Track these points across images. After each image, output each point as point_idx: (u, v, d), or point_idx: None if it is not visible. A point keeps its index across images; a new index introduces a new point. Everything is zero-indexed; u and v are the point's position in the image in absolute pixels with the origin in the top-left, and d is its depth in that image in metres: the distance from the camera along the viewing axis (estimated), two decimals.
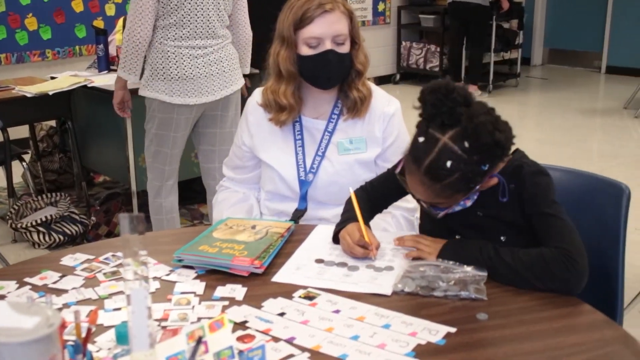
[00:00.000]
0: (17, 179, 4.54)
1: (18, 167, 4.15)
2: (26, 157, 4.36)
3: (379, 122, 2.05)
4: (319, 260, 1.65)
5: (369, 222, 1.77)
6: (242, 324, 1.36)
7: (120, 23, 4.36)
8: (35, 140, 4.57)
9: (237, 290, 1.50)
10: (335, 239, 1.73)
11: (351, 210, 1.73)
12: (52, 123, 4.71)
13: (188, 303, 1.46)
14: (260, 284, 1.54)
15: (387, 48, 8.88)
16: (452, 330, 1.32)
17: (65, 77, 4.19)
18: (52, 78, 4.33)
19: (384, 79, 8.82)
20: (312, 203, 2.05)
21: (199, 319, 1.39)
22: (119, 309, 1.43)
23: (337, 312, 1.40)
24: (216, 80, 3.19)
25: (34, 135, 4.57)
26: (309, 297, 1.47)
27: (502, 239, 1.56)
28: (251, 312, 1.40)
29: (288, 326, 1.35)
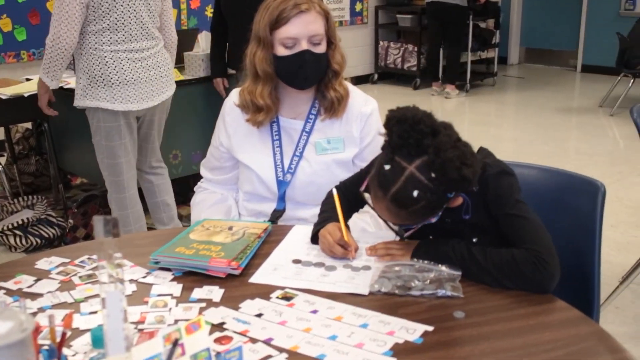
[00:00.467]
0: None
1: None
2: (2, 159, 4.32)
3: (357, 122, 2.05)
4: (297, 261, 1.65)
5: (347, 222, 1.77)
6: (220, 326, 1.35)
7: None
8: (11, 142, 4.52)
9: (215, 292, 1.50)
10: (313, 239, 1.72)
11: (329, 211, 1.73)
12: (28, 125, 4.66)
13: (165, 305, 1.45)
14: (238, 285, 1.53)
15: (365, 48, 8.90)
16: (430, 328, 1.33)
17: None
18: (28, 80, 4.29)
19: (362, 79, 8.84)
20: (291, 203, 2.04)
21: (176, 321, 1.38)
22: (95, 312, 1.42)
23: (315, 312, 1.40)
24: (155, 85, 3.17)
25: (10, 138, 4.52)
26: (287, 298, 1.46)
27: (474, 240, 1.56)
28: (228, 314, 1.40)
29: (266, 327, 1.35)
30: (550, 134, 6.46)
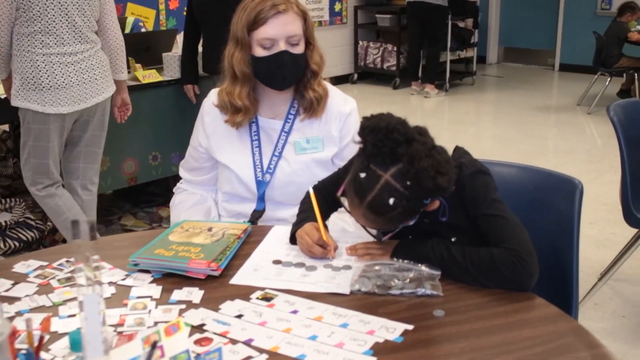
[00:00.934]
0: None
1: None
2: None
3: (336, 121, 2.05)
4: (277, 261, 1.65)
5: (326, 222, 1.77)
6: (200, 327, 1.35)
7: None
8: None
9: (194, 293, 1.49)
10: (292, 239, 1.72)
11: (307, 211, 1.73)
12: (5, 127, 4.61)
13: (144, 307, 1.44)
14: (218, 287, 1.53)
15: (344, 48, 8.92)
16: (410, 327, 1.33)
17: None
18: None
19: (342, 79, 8.85)
20: (270, 203, 2.04)
21: (155, 323, 1.37)
22: (73, 315, 1.40)
23: (295, 312, 1.40)
24: (89, 88, 3.15)
25: None
26: (267, 298, 1.46)
27: (453, 239, 1.57)
28: (208, 315, 1.39)
29: (246, 328, 1.34)
30: (528, 132, 6.51)
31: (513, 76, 9.53)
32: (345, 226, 1.98)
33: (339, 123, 2.05)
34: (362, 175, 1.42)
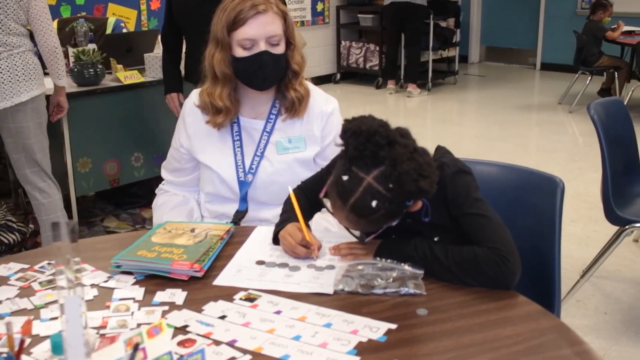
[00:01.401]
0: None
1: None
2: None
3: (318, 121, 2.05)
4: (260, 262, 1.64)
5: (309, 222, 1.77)
6: (183, 329, 1.34)
7: (54, 25, 4.26)
8: None
9: (177, 295, 1.49)
10: (275, 240, 1.72)
11: (290, 211, 1.73)
12: None
13: (127, 309, 1.43)
14: (201, 288, 1.52)
15: (327, 48, 8.92)
16: (393, 326, 1.33)
17: None
18: None
19: (325, 79, 8.86)
20: (253, 204, 2.04)
21: (138, 325, 1.36)
22: (55, 318, 1.39)
23: (279, 312, 1.40)
24: (3, 89, 3.09)
25: None
26: (250, 299, 1.46)
27: (436, 239, 1.57)
28: (192, 316, 1.39)
29: (229, 329, 1.34)
30: (510, 131, 6.54)
31: (495, 75, 9.58)
32: (328, 226, 1.98)
33: (321, 122, 2.05)
34: (345, 177, 1.42)
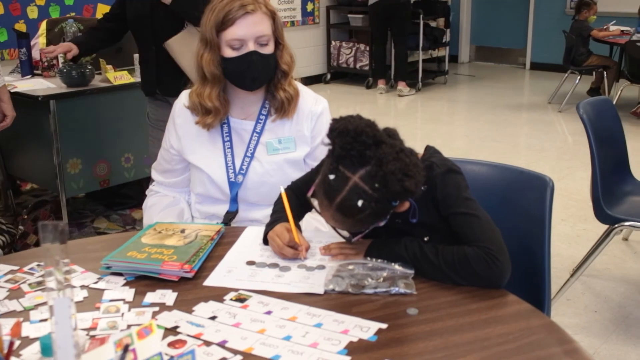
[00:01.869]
0: None
1: None
2: None
3: (307, 121, 2.05)
4: (251, 262, 1.64)
5: (300, 222, 1.77)
6: (173, 330, 1.34)
7: (43, 26, 4.24)
8: None
9: (168, 296, 1.48)
10: (265, 240, 1.72)
11: (280, 211, 1.73)
12: None
13: (117, 310, 1.43)
14: (191, 288, 1.52)
15: (317, 48, 8.92)
16: (384, 326, 1.33)
17: None
18: None
19: (315, 79, 8.86)
20: (243, 204, 2.04)
21: (129, 326, 1.36)
22: (45, 320, 1.39)
23: (269, 313, 1.40)
24: None
25: None
26: (241, 300, 1.46)
27: (426, 239, 1.57)
28: (182, 317, 1.39)
29: (220, 329, 1.34)
30: (500, 130, 6.56)
31: (485, 75, 9.60)
32: (318, 226, 1.99)
33: (311, 123, 2.05)
34: (331, 177, 1.42)
